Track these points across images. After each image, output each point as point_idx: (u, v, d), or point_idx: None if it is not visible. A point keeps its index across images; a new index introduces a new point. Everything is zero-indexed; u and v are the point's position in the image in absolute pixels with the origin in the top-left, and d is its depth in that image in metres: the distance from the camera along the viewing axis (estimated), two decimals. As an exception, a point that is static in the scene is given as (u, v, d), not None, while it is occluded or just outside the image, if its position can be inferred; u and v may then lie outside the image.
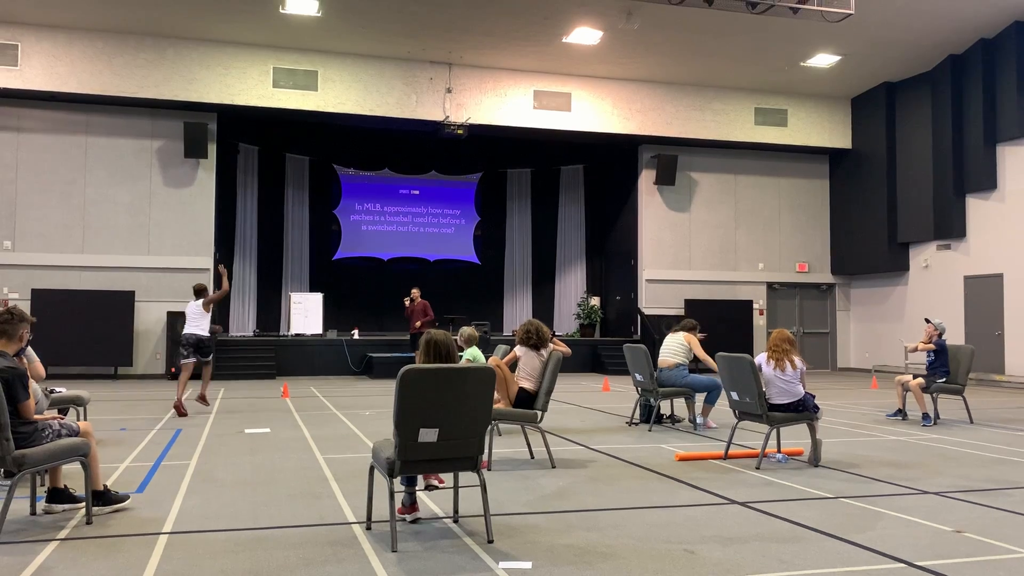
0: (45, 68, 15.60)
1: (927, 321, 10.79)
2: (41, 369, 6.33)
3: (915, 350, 10.67)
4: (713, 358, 8.09)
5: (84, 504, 4.96)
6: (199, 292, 10.71)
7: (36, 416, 4.96)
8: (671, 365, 9.43)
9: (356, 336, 18.22)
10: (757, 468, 6.89)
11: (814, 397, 7.39)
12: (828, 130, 20.01)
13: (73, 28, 15.62)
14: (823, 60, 17.52)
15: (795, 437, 8.09)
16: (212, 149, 16.88)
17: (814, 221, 20.67)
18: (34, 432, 4.84)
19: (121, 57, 15.90)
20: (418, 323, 16.05)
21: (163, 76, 16.08)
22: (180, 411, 10.11)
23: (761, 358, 7.36)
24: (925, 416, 10.00)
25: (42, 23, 15.43)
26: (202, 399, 10.75)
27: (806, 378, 7.36)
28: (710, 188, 19.98)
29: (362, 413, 10.64)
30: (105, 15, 15.19)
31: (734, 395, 7.41)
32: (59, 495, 5.16)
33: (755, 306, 19.93)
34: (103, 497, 5.14)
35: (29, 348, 6.01)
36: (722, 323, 18.93)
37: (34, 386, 5.54)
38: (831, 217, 20.72)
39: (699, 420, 9.35)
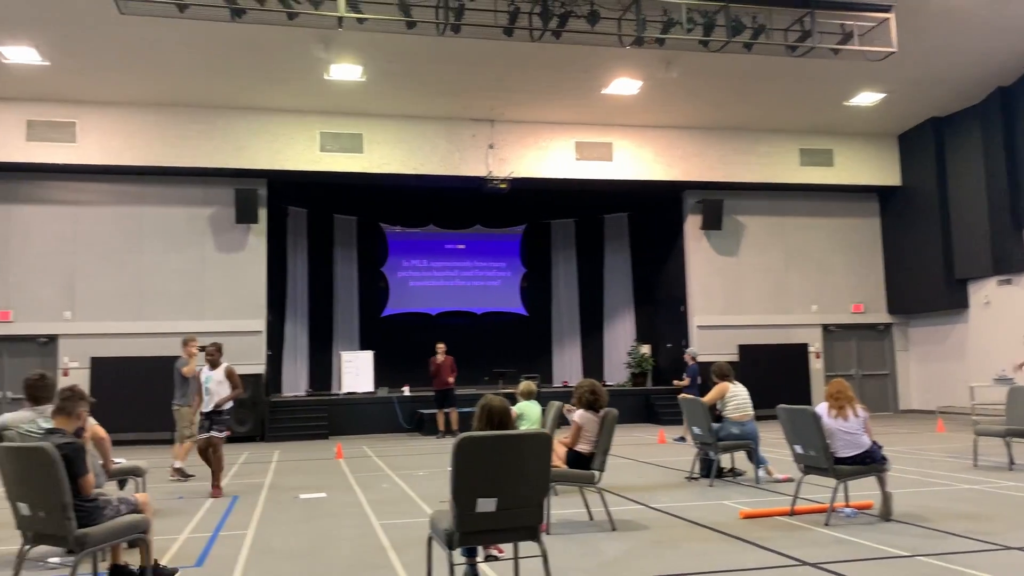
0: (101, 143, 16.15)
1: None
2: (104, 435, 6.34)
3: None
4: (770, 406, 7.91)
5: (144, 581, 4.97)
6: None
7: (95, 490, 5.00)
8: (753, 416, 9.27)
9: (407, 393, 18.21)
10: (826, 524, 6.64)
11: (881, 447, 7.13)
12: (876, 168, 19.70)
13: (127, 103, 16.18)
14: (867, 98, 17.33)
15: (863, 488, 7.77)
16: (262, 214, 17.23)
17: (867, 260, 20.24)
18: (95, 509, 4.86)
19: (173, 129, 16.40)
20: (451, 379, 16.05)
21: (214, 146, 16.53)
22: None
23: (822, 408, 7.14)
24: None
25: (97, 100, 16.01)
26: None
27: (870, 427, 7.11)
28: (758, 231, 19.74)
29: (416, 473, 10.56)
30: (157, 89, 15.72)
31: (798, 448, 7.18)
32: (120, 572, 5.16)
33: (811, 349, 19.48)
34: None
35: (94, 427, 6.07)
36: (778, 367, 18.61)
37: (92, 461, 5.60)
38: (885, 256, 20.27)
39: (776, 476, 9.06)
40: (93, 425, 5.96)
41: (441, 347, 16.32)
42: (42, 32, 13.28)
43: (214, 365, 9.35)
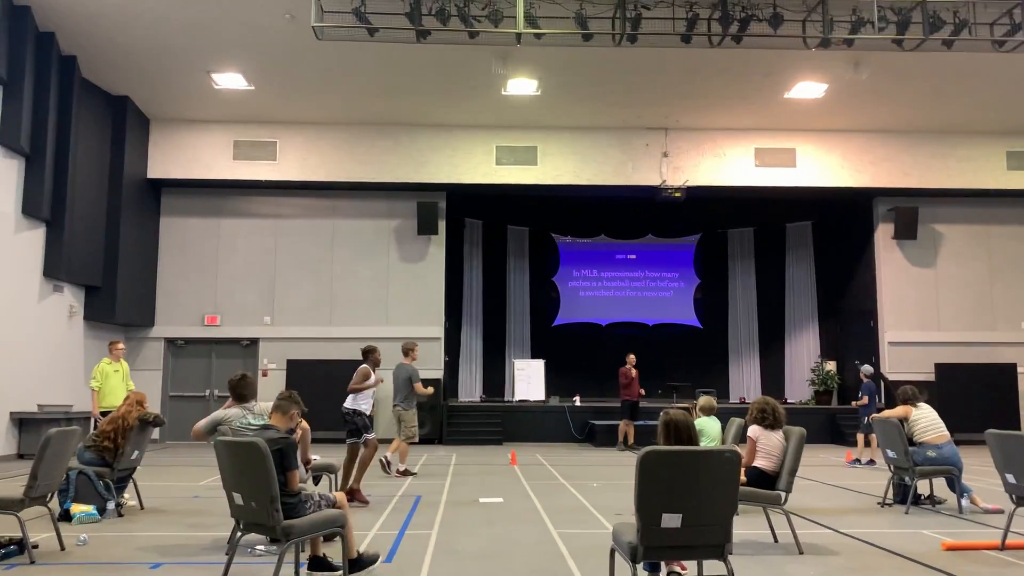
0: (298, 161, 17.38)
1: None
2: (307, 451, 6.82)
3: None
4: (969, 430, 7.30)
5: (341, 573, 5.27)
6: (367, 354, 9.64)
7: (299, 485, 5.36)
8: (950, 438, 8.63)
9: (578, 403, 18.26)
10: (1045, 563, 6.02)
11: (1112, 481, 6.38)
12: (1099, 170, 17.76)
13: (321, 123, 17.34)
14: (1089, 93, 15.67)
15: (1089, 527, 7.00)
16: (442, 225, 17.91)
17: (1088, 272, 18.24)
18: (298, 503, 5.20)
19: (362, 146, 17.39)
20: (642, 391, 15.95)
21: (398, 161, 17.38)
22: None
23: (1038, 435, 6.49)
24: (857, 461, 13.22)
25: (295, 121, 17.26)
26: (350, 492, 8.61)
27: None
28: (958, 240, 18.28)
29: (590, 484, 10.56)
30: (348, 109, 16.74)
31: (1010, 477, 6.57)
32: (319, 563, 5.50)
33: (1020, 370, 17.77)
34: (358, 563, 5.45)
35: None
36: (981, 389, 17.17)
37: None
38: (1110, 266, 18.20)
39: (984, 506, 8.34)
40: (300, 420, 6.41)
41: (632, 359, 16.15)
42: (248, 59, 14.48)
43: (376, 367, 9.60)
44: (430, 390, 11.49)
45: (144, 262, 17.05)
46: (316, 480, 8.68)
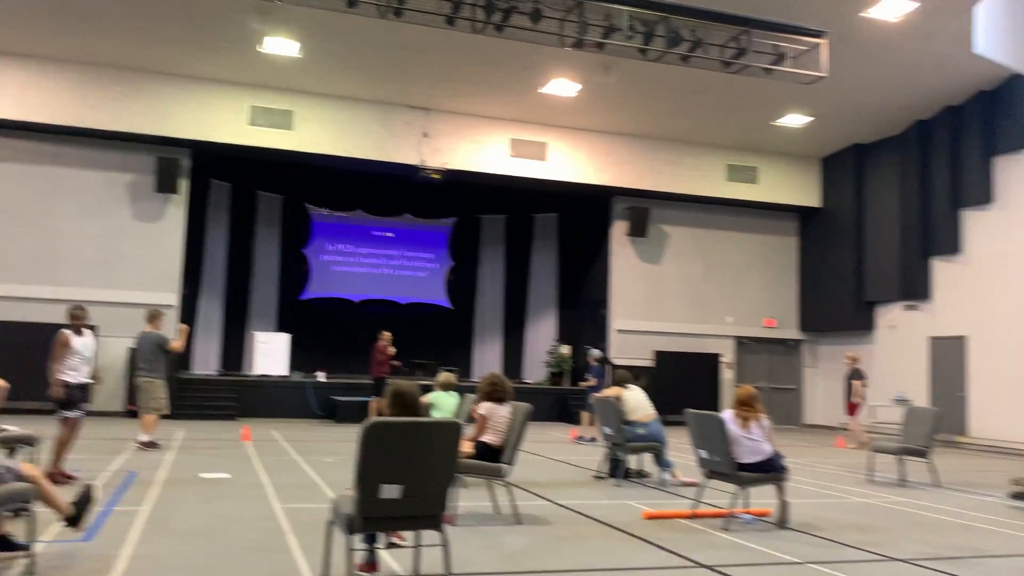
0: (16, 97, 15.40)
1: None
2: None
3: None
4: (680, 411, 8.07)
5: (27, 552, 4.75)
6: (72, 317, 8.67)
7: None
8: (657, 417, 9.43)
9: (321, 378, 17.92)
10: (724, 529, 6.80)
11: (782, 457, 7.34)
12: (798, 189, 20.34)
13: (47, 58, 15.48)
14: (794, 120, 17.87)
15: (762, 496, 7.99)
16: (184, 185, 16.74)
17: (783, 278, 20.89)
18: (-23, 475, 4.64)
19: (95, 90, 15.76)
20: (396, 363, 15.98)
21: (138, 110, 15.96)
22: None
23: (727, 415, 7.31)
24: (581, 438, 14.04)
25: (15, 52, 15.28)
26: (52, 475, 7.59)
27: (772, 435, 7.31)
28: (681, 241, 20.15)
29: (324, 460, 10.42)
30: (81, 47, 15.09)
31: (703, 453, 7.35)
32: (3, 543, 4.93)
33: (722, 360, 19.98)
34: (77, 516, 5.11)
35: None
36: (691, 375, 19.09)
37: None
38: (800, 274, 20.96)
39: (680, 479, 9.22)
40: None
41: (388, 336, 16.00)
42: (-41, -26, 12.60)
43: (81, 331, 8.68)
44: (183, 332, 11.15)
45: None
46: (12, 453, 7.80)
